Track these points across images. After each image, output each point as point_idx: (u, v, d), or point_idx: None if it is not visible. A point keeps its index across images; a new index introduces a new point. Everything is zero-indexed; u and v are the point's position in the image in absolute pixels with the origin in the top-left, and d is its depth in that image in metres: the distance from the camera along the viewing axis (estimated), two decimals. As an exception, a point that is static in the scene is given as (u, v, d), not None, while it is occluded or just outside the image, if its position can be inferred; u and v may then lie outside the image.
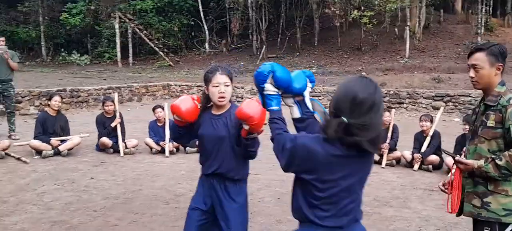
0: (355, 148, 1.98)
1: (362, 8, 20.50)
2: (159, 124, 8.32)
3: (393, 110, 8.45)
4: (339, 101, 2.00)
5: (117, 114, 8.11)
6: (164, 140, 8.08)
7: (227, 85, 2.96)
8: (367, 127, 1.94)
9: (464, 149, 4.96)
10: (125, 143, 8.04)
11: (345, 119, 1.93)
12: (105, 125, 8.07)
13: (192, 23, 28.27)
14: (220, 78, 2.93)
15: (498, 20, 23.46)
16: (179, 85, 18.11)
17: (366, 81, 2.03)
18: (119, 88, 15.87)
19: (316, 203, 2.06)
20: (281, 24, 25.56)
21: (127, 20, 25.74)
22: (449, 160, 6.90)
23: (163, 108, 8.32)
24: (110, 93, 15.24)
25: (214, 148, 3.00)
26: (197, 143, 6.67)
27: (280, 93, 2.39)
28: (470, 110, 14.33)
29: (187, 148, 8.13)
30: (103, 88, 15.12)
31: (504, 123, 2.60)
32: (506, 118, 2.58)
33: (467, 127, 6.91)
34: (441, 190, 3.02)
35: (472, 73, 2.71)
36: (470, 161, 2.67)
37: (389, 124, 7.79)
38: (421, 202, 5.60)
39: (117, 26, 25.38)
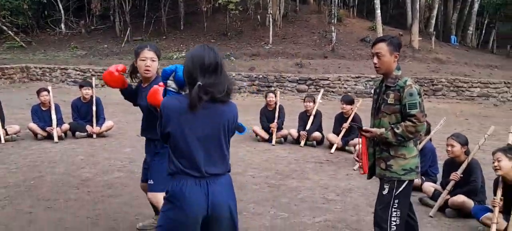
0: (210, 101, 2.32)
1: (228, -6, 21.08)
2: (43, 108, 7.80)
3: (278, 91, 9.06)
4: (190, 70, 2.33)
5: (-5, 98, 7.40)
6: (50, 125, 7.61)
7: (154, 60, 3.58)
8: (217, 84, 2.31)
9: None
10: (5, 129, 7.39)
11: (200, 82, 2.27)
12: (-19, 110, 7.32)
13: (45, 1, 26.00)
14: (148, 53, 3.56)
15: (344, 12, 26.06)
16: (41, 68, 16.76)
17: (207, 48, 2.39)
18: (-31, 71, 14.17)
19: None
20: (145, 6, 24.95)
21: (-35, -5, 22.71)
22: (331, 137, 7.80)
23: (49, 92, 7.79)
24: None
25: (143, 115, 3.69)
26: (86, 127, 7.70)
27: (179, 91, 2.61)
28: (330, 92, 15.97)
29: (77, 133, 7.80)
30: (-49, 70, 13.35)
31: (401, 100, 3.19)
32: (403, 96, 3.17)
33: (344, 106, 7.85)
34: (356, 160, 3.67)
35: (375, 60, 3.27)
36: (374, 129, 3.27)
37: (276, 104, 8.39)
38: (316, 173, 6.29)
39: (-47, 1, 22.26)
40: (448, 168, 5.10)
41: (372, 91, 3.66)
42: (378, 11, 19.91)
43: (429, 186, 5.20)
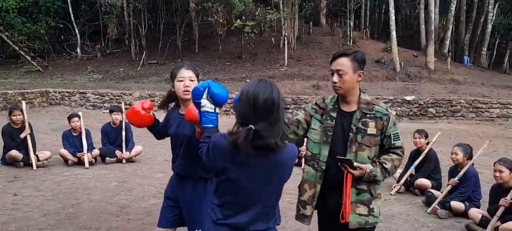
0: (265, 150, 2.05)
1: (243, 17, 21.26)
2: (74, 134, 7.80)
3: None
4: (243, 108, 2.07)
5: (26, 125, 7.41)
6: (80, 151, 7.61)
7: (192, 80, 2.99)
8: (273, 125, 2.04)
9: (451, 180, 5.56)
10: (36, 155, 7.38)
11: (252, 126, 2.00)
12: (13, 136, 7.32)
13: (61, 26, 26.39)
14: (185, 73, 3.00)
15: (358, 33, 26.16)
16: (59, 92, 16.87)
17: (264, 83, 2.11)
18: (-9, 95, 14.31)
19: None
20: (160, 30, 25.20)
21: (-15, 21, 23.05)
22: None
23: (79, 117, 7.81)
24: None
25: (179, 147, 3.06)
26: (116, 152, 6.47)
27: (217, 110, 2.38)
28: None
29: (107, 158, 7.79)
30: (-26, 95, 13.48)
31: (384, 130, 2.71)
32: (389, 126, 2.71)
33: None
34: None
35: (335, 78, 2.68)
36: (365, 166, 2.62)
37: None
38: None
39: (-28, 26, 22.60)
40: (495, 194, 5.01)
41: (314, 110, 2.88)
42: (394, 33, 19.99)
43: (476, 212, 5.10)
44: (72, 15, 25.39)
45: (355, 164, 2.60)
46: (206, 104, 2.33)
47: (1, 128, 7.61)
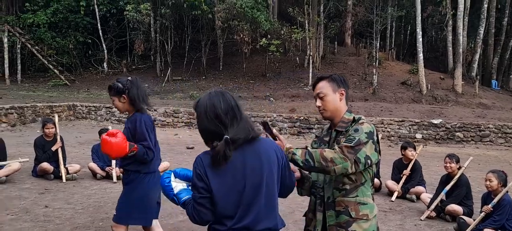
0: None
1: (268, 36, 21.41)
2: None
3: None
4: (207, 126, 2.12)
5: (58, 138, 7.54)
6: (109, 165, 7.69)
7: (114, 101, 3.85)
8: (242, 125, 2.11)
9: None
10: (66, 168, 7.49)
11: (227, 136, 2.04)
12: (44, 149, 7.45)
13: (89, 41, 27.00)
14: (111, 98, 3.86)
15: (383, 54, 26.03)
16: (86, 106, 17.17)
17: (214, 94, 2.16)
18: (21, 108, 14.61)
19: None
20: (185, 47, 25.54)
21: (17, 35, 23.69)
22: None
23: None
24: (12, 113, 14.05)
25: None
26: None
27: (186, 184, 2.39)
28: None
29: (134, 173, 7.84)
30: (5, 107, 13.78)
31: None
32: (349, 132, 2.56)
33: (407, 151, 7.60)
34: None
35: (318, 102, 2.70)
36: (283, 139, 2.56)
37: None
38: (383, 223, 6.09)
39: (5, 40, 23.22)
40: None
41: (314, 142, 2.88)
42: (421, 55, 19.80)
43: (510, 241, 4.95)
44: (100, 31, 25.96)
45: (274, 131, 2.55)
46: (177, 187, 2.34)
47: (29, 139, 7.73)
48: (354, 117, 2.66)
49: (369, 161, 2.50)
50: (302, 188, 2.74)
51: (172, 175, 2.37)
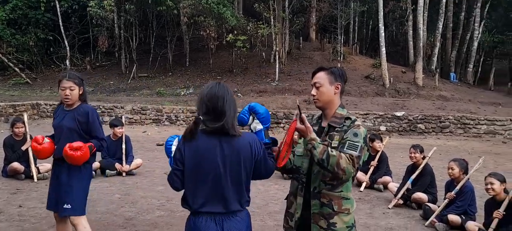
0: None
1: (235, 32, 21.49)
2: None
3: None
4: (197, 106, 2.49)
5: (28, 137, 7.44)
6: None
7: (72, 89, 3.84)
8: (219, 114, 2.40)
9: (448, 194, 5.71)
10: (37, 168, 7.41)
11: (200, 117, 2.41)
12: (14, 148, 7.34)
13: (51, 38, 26.31)
14: (66, 83, 3.83)
15: (347, 49, 26.57)
16: (50, 105, 16.82)
17: (213, 84, 2.50)
18: (-17, 107, 14.23)
19: None
20: (150, 43, 25.29)
21: (-26, 32, 22.87)
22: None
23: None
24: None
25: (59, 136, 3.93)
26: (116, 165, 7.92)
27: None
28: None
29: (107, 171, 7.84)
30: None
31: (344, 140, 2.66)
32: (346, 136, 2.64)
33: (374, 143, 7.87)
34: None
35: (313, 91, 2.79)
36: (310, 127, 2.59)
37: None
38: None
39: (-39, 37, 22.41)
40: (489, 207, 5.20)
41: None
42: (383, 49, 20.32)
43: (473, 225, 5.29)
44: (61, 28, 25.32)
45: (302, 115, 2.59)
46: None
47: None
48: (349, 116, 2.75)
49: (361, 162, 2.65)
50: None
51: (177, 138, 2.72)
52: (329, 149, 2.55)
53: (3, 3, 24.57)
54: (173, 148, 2.69)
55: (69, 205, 3.81)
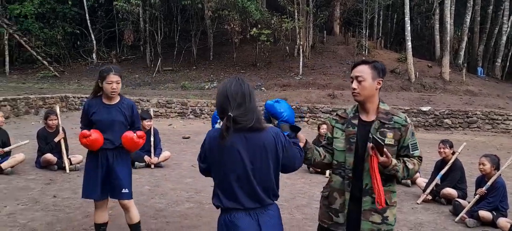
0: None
1: (259, 26, 21.50)
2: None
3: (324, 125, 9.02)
4: (220, 104, 2.42)
5: (60, 129, 7.63)
6: (111, 155, 7.80)
7: (118, 83, 4.03)
8: (247, 111, 2.36)
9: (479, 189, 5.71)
10: (69, 159, 7.60)
11: (230, 114, 2.33)
12: (47, 140, 7.54)
13: (78, 31, 26.80)
14: (113, 77, 3.98)
15: (372, 43, 26.30)
16: (78, 98, 17.15)
17: (234, 79, 2.46)
18: (14, 100, 14.57)
19: None
20: (175, 37, 25.51)
21: (4, 26, 23.39)
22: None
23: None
24: (5, 105, 14.01)
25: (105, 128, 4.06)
26: (144, 157, 8.13)
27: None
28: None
29: (136, 163, 7.97)
30: (-3, 99, 13.76)
31: (401, 140, 2.72)
32: (407, 137, 2.72)
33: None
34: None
35: (355, 84, 2.75)
36: (390, 156, 2.61)
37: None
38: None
39: (-8, 31, 22.99)
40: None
41: (335, 120, 2.93)
42: (409, 43, 20.07)
43: (504, 221, 5.23)
44: (88, 22, 25.78)
45: (384, 149, 2.58)
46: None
47: (24, 131, 7.80)
48: (389, 111, 2.79)
49: None
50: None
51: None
52: (405, 162, 2.71)
53: (33, -3, 25.12)
54: (217, 126, 2.71)
55: (126, 190, 4.13)
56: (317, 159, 2.86)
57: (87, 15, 25.65)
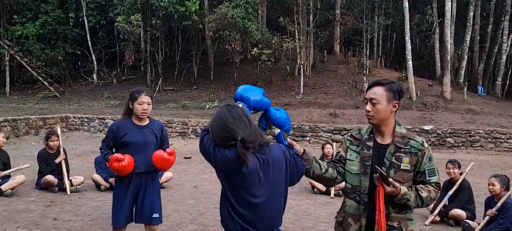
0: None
1: (260, 45, 21.55)
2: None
3: (334, 143, 8.98)
4: (222, 135, 2.33)
5: (61, 150, 7.54)
6: (112, 176, 7.68)
7: (149, 104, 4.12)
8: (252, 134, 2.30)
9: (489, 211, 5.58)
10: (70, 180, 7.48)
11: (239, 137, 2.26)
12: (47, 161, 7.44)
13: (78, 52, 26.84)
14: (144, 98, 4.06)
15: (372, 62, 26.34)
16: (79, 118, 17.08)
17: (227, 107, 2.41)
18: (14, 120, 14.50)
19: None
20: (175, 57, 25.55)
21: (6, 47, 23.39)
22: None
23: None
24: (6, 126, 13.92)
25: (136, 151, 4.05)
26: None
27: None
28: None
29: (138, 184, 7.84)
30: (-1, 120, 13.68)
31: (418, 165, 2.62)
32: (423, 162, 2.61)
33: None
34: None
35: (369, 107, 2.64)
36: (398, 185, 2.50)
37: (331, 155, 8.36)
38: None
39: (-6, 52, 22.99)
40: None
41: (349, 141, 2.83)
42: (410, 62, 20.11)
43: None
44: (89, 42, 25.82)
45: (390, 179, 2.48)
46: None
47: (25, 152, 7.71)
48: (405, 134, 2.67)
49: None
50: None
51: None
52: (418, 190, 2.59)
53: (34, 19, 25.20)
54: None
55: (157, 214, 4.17)
56: (317, 171, 2.77)
57: (88, 36, 25.70)
